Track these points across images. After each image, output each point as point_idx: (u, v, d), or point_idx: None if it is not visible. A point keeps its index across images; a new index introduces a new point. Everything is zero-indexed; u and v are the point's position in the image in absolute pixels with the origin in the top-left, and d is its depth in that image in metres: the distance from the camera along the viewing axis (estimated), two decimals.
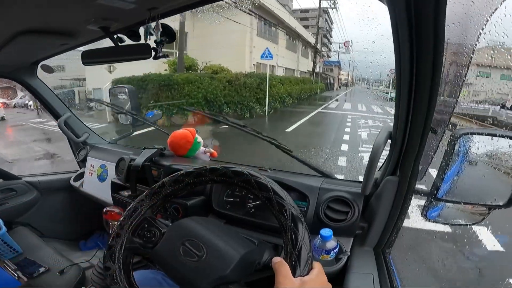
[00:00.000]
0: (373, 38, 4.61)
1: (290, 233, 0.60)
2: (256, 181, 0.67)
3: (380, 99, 23.41)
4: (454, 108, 0.70)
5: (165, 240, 0.67)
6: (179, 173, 0.73)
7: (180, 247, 0.64)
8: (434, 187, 0.80)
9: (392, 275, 0.83)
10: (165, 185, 0.73)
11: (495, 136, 0.72)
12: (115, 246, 0.69)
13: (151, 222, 0.70)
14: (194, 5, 0.86)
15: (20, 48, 1.16)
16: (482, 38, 0.55)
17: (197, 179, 0.72)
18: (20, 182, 1.76)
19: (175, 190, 0.73)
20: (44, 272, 1.29)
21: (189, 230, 0.66)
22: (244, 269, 0.64)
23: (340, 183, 1.06)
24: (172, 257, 0.64)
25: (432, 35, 0.53)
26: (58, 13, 0.82)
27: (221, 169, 0.70)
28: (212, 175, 0.71)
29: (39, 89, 1.70)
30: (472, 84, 1.62)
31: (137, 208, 0.73)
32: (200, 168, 0.72)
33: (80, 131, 1.91)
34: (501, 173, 0.79)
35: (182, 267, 0.62)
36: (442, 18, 0.50)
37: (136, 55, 0.95)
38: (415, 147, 0.74)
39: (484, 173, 0.82)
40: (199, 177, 0.72)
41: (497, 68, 1.29)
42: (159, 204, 0.74)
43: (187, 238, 0.64)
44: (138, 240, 0.69)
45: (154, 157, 1.32)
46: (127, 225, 0.71)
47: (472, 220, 0.85)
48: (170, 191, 0.73)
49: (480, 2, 0.52)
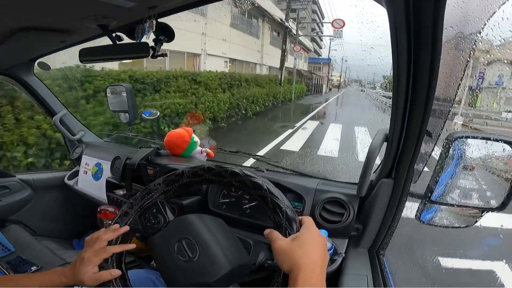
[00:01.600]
0: (370, 40, 4.61)
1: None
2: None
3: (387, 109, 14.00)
4: (449, 112, 0.71)
5: (166, 231, 0.67)
6: (200, 166, 0.73)
7: (176, 244, 0.64)
8: (428, 189, 0.81)
9: (386, 277, 0.84)
10: (184, 175, 0.73)
11: (489, 140, 0.73)
12: (120, 224, 0.70)
13: (160, 209, 0.71)
14: (194, 4, 0.86)
15: (18, 45, 1.15)
16: (479, 42, 0.56)
17: (216, 177, 0.72)
18: (14, 179, 1.74)
19: (192, 182, 0.73)
20: (36, 270, 1.28)
21: (191, 229, 0.66)
22: (231, 279, 0.64)
23: (336, 184, 1.06)
24: (165, 250, 0.64)
25: (431, 38, 0.53)
26: (57, 10, 0.82)
27: (241, 173, 0.69)
28: (232, 178, 0.70)
29: (35, 87, 1.69)
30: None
31: (151, 191, 0.73)
32: (221, 168, 0.71)
33: (76, 129, 1.89)
34: (495, 176, 0.80)
35: (171, 263, 0.63)
36: (441, 21, 0.51)
37: (134, 53, 0.95)
38: (411, 150, 0.75)
39: (478, 176, 0.83)
40: (218, 176, 0.71)
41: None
42: (173, 192, 0.74)
43: (184, 236, 0.64)
44: (144, 222, 0.70)
45: (150, 156, 1.32)
46: (137, 206, 0.71)
47: (466, 222, 0.86)
48: (187, 181, 0.73)
49: (478, 6, 0.53)
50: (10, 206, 1.69)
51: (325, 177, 1.13)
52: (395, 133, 0.76)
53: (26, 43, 1.14)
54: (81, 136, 1.89)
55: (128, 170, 1.26)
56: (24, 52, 1.37)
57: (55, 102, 1.80)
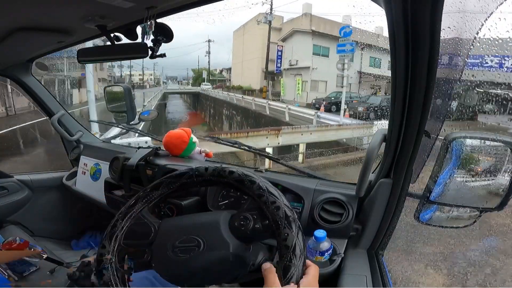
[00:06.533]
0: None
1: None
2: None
3: None
4: (447, 112, 0.71)
5: (158, 240, 0.67)
6: (216, 167, 0.73)
7: (171, 248, 0.64)
8: (427, 189, 0.81)
9: (385, 277, 0.84)
10: (202, 174, 0.73)
11: (487, 140, 0.73)
12: (130, 212, 0.70)
13: (168, 202, 0.71)
14: (193, 4, 0.86)
15: (16, 45, 1.15)
16: (476, 42, 0.56)
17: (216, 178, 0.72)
18: (12, 180, 1.73)
19: (205, 181, 0.73)
20: (34, 271, 1.27)
21: (182, 228, 0.67)
22: (234, 267, 0.64)
23: (335, 185, 1.06)
24: (164, 255, 0.64)
25: (428, 38, 0.53)
26: (55, 10, 0.82)
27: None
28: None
29: (33, 87, 1.69)
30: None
31: (161, 183, 0.73)
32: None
33: (74, 130, 1.89)
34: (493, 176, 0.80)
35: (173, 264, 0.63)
36: (439, 21, 0.51)
37: (132, 54, 0.95)
38: (409, 150, 0.75)
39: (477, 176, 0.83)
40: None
41: None
42: (189, 185, 0.74)
43: (179, 238, 0.65)
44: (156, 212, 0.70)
45: (149, 156, 1.32)
46: (146, 197, 0.72)
47: (464, 222, 0.86)
48: (200, 180, 0.73)
49: (475, 7, 0.53)
50: (8, 207, 1.69)
51: (324, 177, 1.13)
52: (393, 133, 0.76)
53: (24, 43, 1.14)
54: (79, 136, 1.89)
55: (127, 170, 1.26)
56: (21, 52, 1.36)
57: (53, 103, 1.80)
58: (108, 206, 1.43)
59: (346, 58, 9.64)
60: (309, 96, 17.54)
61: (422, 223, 0.91)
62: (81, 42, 1.17)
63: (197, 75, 30.58)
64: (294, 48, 19.79)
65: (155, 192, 0.73)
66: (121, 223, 0.69)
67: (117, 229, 0.69)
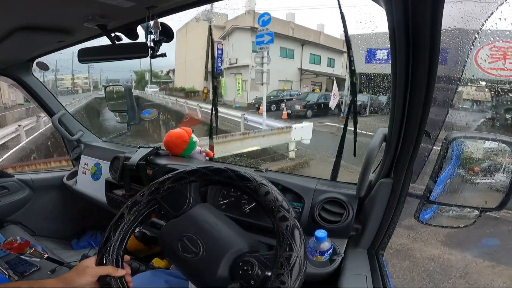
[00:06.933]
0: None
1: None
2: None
3: None
4: (448, 112, 0.71)
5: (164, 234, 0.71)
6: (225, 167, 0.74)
7: (178, 242, 0.67)
8: (427, 189, 0.81)
9: (385, 277, 0.84)
10: (218, 171, 0.74)
11: (487, 140, 0.73)
12: (142, 200, 0.73)
13: (184, 194, 0.73)
14: (193, 4, 0.86)
15: (17, 45, 1.15)
16: (477, 42, 0.56)
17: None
18: (12, 179, 1.73)
19: (216, 180, 0.74)
20: (35, 271, 1.27)
21: (189, 226, 0.69)
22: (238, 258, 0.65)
23: (335, 184, 1.06)
24: (171, 252, 0.68)
25: (429, 38, 0.53)
26: (56, 10, 0.82)
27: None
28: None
29: (33, 86, 1.69)
30: None
31: (179, 176, 0.74)
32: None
33: (74, 129, 1.89)
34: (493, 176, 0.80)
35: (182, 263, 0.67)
36: (439, 22, 0.51)
37: (133, 53, 0.95)
38: (409, 150, 0.75)
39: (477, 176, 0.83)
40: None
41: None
42: (201, 182, 0.75)
43: (185, 234, 0.67)
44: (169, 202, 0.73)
45: (149, 156, 1.32)
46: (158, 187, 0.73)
47: (464, 222, 0.86)
48: (215, 179, 0.74)
49: (476, 7, 0.53)
50: (8, 207, 1.68)
51: (324, 177, 1.13)
52: (394, 134, 0.76)
53: (25, 42, 1.14)
54: (80, 136, 1.89)
55: (127, 170, 1.26)
56: (22, 52, 1.36)
57: (53, 102, 1.80)
58: (109, 206, 1.43)
59: (265, 50, 8.63)
60: (250, 96, 16.82)
61: (422, 223, 0.91)
62: (81, 41, 1.17)
63: (139, 77, 29.09)
64: (234, 46, 18.97)
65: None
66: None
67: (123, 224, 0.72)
